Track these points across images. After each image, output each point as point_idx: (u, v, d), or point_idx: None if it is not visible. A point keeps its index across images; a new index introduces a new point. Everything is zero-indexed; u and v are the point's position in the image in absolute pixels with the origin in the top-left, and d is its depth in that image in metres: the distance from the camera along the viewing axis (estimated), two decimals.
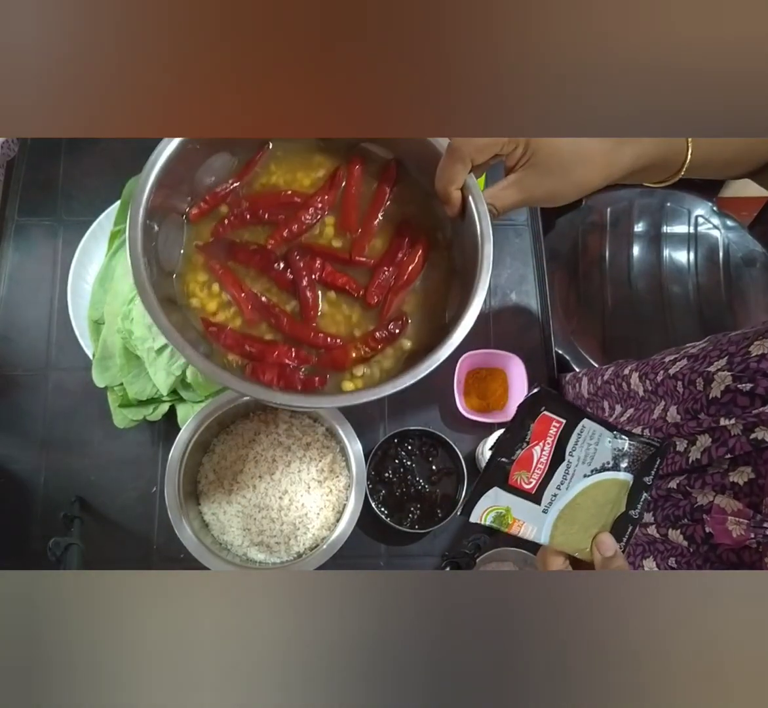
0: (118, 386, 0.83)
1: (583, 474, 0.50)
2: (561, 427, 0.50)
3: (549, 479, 0.49)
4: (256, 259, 0.47)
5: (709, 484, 0.52)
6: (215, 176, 0.48)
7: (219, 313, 0.47)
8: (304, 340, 0.47)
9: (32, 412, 0.88)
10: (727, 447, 0.50)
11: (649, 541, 0.59)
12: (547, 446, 0.49)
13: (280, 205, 0.48)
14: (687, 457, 0.55)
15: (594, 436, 0.50)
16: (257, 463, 0.79)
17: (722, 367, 0.52)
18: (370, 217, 0.48)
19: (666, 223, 1.27)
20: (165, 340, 0.73)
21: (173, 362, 0.77)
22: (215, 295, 0.47)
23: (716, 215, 1.27)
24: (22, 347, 0.90)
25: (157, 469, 0.86)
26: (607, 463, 0.50)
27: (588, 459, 0.50)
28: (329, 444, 0.81)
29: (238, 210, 0.47)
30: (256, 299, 0.47)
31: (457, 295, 0.50)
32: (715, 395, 0.52)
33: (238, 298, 0.46)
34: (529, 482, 0.49)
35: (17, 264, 0.93)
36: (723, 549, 0.50)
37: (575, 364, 1.14)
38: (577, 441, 0.50)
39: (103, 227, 0.89)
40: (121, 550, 0.84)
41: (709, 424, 0.52)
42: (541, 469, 0.49)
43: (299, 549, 0.77)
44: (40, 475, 0.85)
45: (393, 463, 0.84)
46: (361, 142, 0.49)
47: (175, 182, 0.45)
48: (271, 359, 0.45)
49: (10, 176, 0.97)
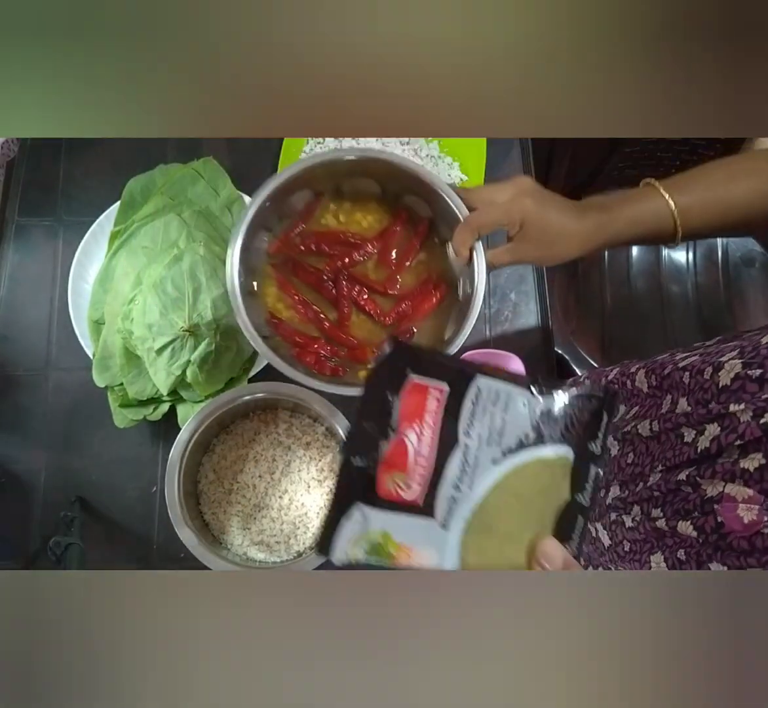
0: (118, 386, 0.83)
1: (491, 460, 0.34)
2: (443, 395, 0.34)
3: (439, 477, 0.34)
4: (313, 278, 0.64)
5: (720, 473, 0.51)
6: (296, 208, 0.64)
7: (282, 312, 0.64)
8: (337, 339, 0.63)
9: (32, 412, 0.88)
10: (737, 433, 0.49)
11: (657, 536, 0.58)
12: (428, 428, 0.34)
13: (339, 242, 0.64)
14: (696, 447, 0.54)
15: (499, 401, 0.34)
16: (257, 462, 0.79)
17: (733, 357, 0.51)
18: (402, 259, 0.64)
19: None
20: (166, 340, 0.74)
21: (173, 362, 0.78)
22: (281, 299, 0.64)
23: None
24: (23, 347, 0.90)
25: (157, 468, 0.86)
26: (526, 437, 0.35)
27: (495, 436, 0.34)
28: (329, 443, 0.81)
29: (306, 241, 0.64)
30: (308, 306, 0.64)
31: (456, 318, 0.62)
32: (725, 383, 0.51)
33: (294, 303, 0.64)
34: (409, 487, 0.34)
35: (17, 264, 0.94)
36: (734, 536, 0.49)
37: (575, 364, 1.14)
38: (474, 412, 0.34)
39: (103, 227, 0.89)
40: (122, 550, 0.84)
41: (718, 411, 0.51)
42: (424, 466, 0.34)
43: (299, 548, 0.77)
44: (41, 474, 0.86)
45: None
46: (406, 195, 0.63)
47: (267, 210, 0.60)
48: (311, 349, 0.62)
49: (10, 176, 0.97)
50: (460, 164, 0.99)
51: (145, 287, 0.79)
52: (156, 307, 0.76)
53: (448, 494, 0.34)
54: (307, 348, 0.62)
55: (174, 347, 0.77)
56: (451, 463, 0.34)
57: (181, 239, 0.83)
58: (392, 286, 0.63)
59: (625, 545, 0.62)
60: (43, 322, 0.91)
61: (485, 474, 0.34)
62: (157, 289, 0.77)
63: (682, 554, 0.55)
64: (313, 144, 0.98)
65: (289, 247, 0.63)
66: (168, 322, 0.76)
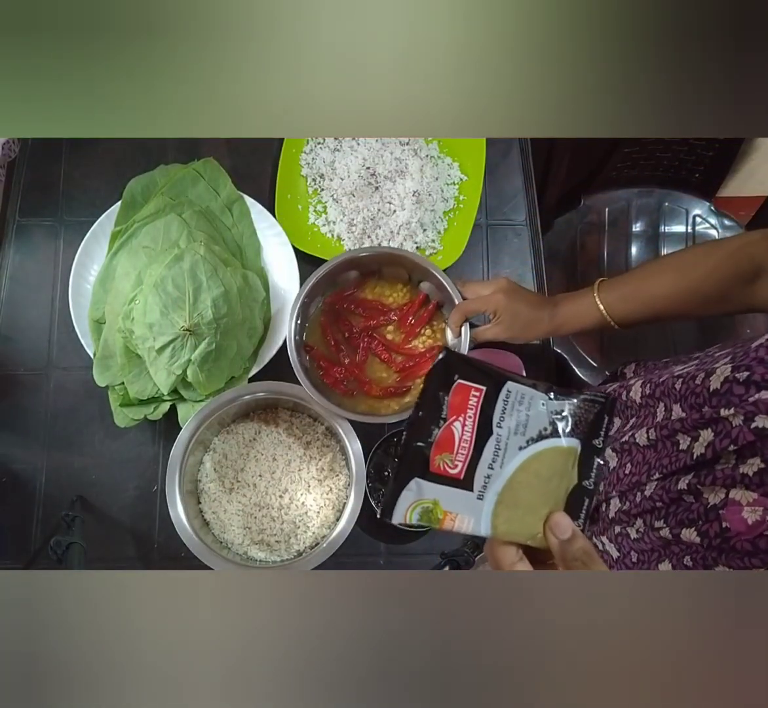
0: (119, 385, 0.83)
1: (518, 446, 0.43)
2: (482, 395, 0.43)
3: (478, 459, 0.42)
4: (347, 327, 0.86)
5: (720, 479, 0.51)
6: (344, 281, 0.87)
7: (319, 345, 0.85)
8: (353, 375, 0.84)
9: (33, 412, 0.88)
10: (731, 438, 0.50)
11: (663, 545, 0.58)
12: (469, 420, 0.42)
13: (371, 308, 0.87)
14: (691, 453, 0.54)
15: (524, 401, 0.43)
16: (258, 461, 0.79)
17: (726, 362, 0.52)
18: (415, 328, 0.86)
19: (664, 222, 1.27)
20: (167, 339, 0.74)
21: (174, 361, 0.78)
22: (320, 338, 0.86)
23: (714, 215, 1.27)
24: (24, 347, 0.91)
25: (157, 467, 0.86)
26: (545, 429, 0.43)
27: (521, 428, 0.43)
28: (329, 443, 0.81)
29: (351, 302, 0.87)
30: (338, 345, 0.85)
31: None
32: (715, 387, 0.52)
33: (328, 341, 0.85)
34: (455, 466, 0.42)
35: (18, 264, 0.94)
36: (737, 539, 0.49)
37: (574, 363, 1.14)
38: (504, 409, 0.43)
39: (103, 228, 0.89)
40: (122, 549, 0.84)
41: (711, 416, 0.52)
42: (466, 448, 0.42)
43: (299, 547, 0.77)
44: (42, 474, 0.86)
45: (392, 462, 0.84)
46: (423, 282, 0.85)
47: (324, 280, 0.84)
48: (332, 372, 0.83)
49: (11, 177, 0.98)
50: (460, 164, 0.99)
51: (145, 287, 0.79)
52: (157, 307, 0.76)
53: (484, 472, 0.42)
54: (329, 371, 0.83)
55: (174, 347, 0.77)
56: (487, 447, 0.42)
57: (182, 239, 0.83)
58: (406, 344, 0.86)
59: (633, 556, 0.63)
60: (44, 321, 0.91)
61: (513, 457, 0.43)
62: (157, 288, 0.77)
63: (689, 560, 0.55)
64: (314, 144, 0.98)
65: (339, 302, 0.86)
66: (169, 321, 0.76)
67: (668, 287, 0.69)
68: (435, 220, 0.95)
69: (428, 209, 0.94)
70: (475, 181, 0.97)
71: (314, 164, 0.97)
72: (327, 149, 0.97)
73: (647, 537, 0.59)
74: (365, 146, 0.96)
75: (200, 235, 0.85)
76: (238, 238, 0.91)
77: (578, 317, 0.75)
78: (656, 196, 1.28)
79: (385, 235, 0.93)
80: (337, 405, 0.77)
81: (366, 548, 0.84)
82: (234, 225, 0.91)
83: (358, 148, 0.96)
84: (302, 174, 0.97)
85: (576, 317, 0.76)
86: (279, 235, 0.91)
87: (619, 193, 1.27)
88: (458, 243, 0.94)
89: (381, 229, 0.93)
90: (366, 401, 0.83)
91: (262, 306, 0.87)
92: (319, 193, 0.97)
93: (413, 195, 0.93)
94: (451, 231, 0.96)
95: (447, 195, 0.97)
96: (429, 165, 0.97)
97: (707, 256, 0.67)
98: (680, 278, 0.69)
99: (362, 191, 0.94)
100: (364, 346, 0.85)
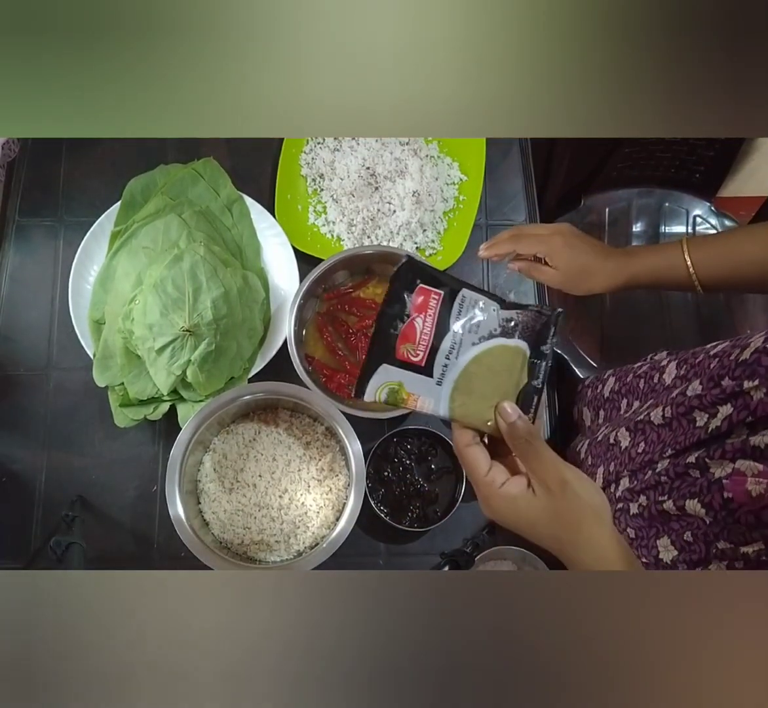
0: (118, 386, 0.83)
1: (471, 342, 0.49)
2: (440, 298, 0.49)
3: (436, 350, 0.49)
4: (343, 329, 0.87)
5: (729, 452, 0.52)
6: (338, 282, 0.88)
7: (317, 351, 0.87)
8: (355, 375, 0.79)
9: (33, 412, 0.88)
10: (749, 410, 0.50)
11: (663, 521, 0.59)
12: (429, 318, 0.49)
13: (365, 306, 0.88)
14: (707, 428, 0.54)
15: (477, 306, 0.50)
16: (257, 462, 0.79)
17: (760, 335, 0.53)
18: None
19: (664, 223, 1.27)
20: (167, 340, 0.74)
21: (174, 362, 0.78)
22: (318, 344, 0.88)
23: (714, 215, 1.27)
24: (24, 347, 0.91)
25: (157, 468, 0.86)
26: (495, 330, 0.50)
27: (474, 328, 0.49)
28: (329, 443, 0.81)
29: (344, 303, 0.88)
30: (336, 349, 0.87)
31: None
32: (744, 358, 0.53)
33: (327, 345, 0.87)
34: (417, 354, 0.48)
35: (18, 264, 0.94)
36: (741, 512, 0.49)
37: (574, 363, 1.14)
38: (460, 311, 0.49)
39: (103, 228, 0.89)
40: (122, 549, 0.84)
41: (732, 389, 0.52)
42: (426, 341, 0.48)
43: (299, 547, 0.77)
44: (42, 474, 0.86)
45: (392, 462, 0.84)
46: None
47: (318, 282, 0.85)
48: (335, 379, 0.85)
49: (11, 177, 0.98)
50: (460, 164, 0.99)
51: (145, 287, 0.79)
52: (156, 307, 0.76)
53: (442, 362, 0.49)
54: (332, 378, 0.85)
55: (174, 347, 0.77)
56: (444, 341, 0.49)
57: (182, 239, 0.83)
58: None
59: (630, 533, 0.63)
60: (44, 322, 0.91)
61: (467, 351, 0.49)
62: (157, 289, 0.77)
63: (689, 536, 0.55)
64: (313, 144, 0.98)
65: (334, 303, 0.87)
66: (168, 322, 0.76)
67: (761, 253, 0.66)
68: (435, 220, 0.95)
69: (428, 209, 0.94)
70: (475, 181, 0.97)
71: (314, 164, 0.97)
72: (327, 149, 0.97)
73: (647, 512, 0.60)
74: (365, 146, 0.96)
75: (200, 235, 0.85)
76: (237, 238, 0.91)
77: (658, 272, 0.70)
78: (656, 196, 1.28)
79: (384, 236, 0.93)
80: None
81: (366, 548, 0.84)
82: (234, 225, 0.91)
83: (358, 148, 0.96)
84: (302, 174, 0.98)
85: (655, 271, 0.70)
86: (279, 236, 0.91)
87: (620, 193, 1.27)
88: (458, 243, 0.94)
89: (381, 230, 0.93)
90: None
91: (261, 306, 0.87)
92: (319, 193, 0.97)
93: (413, 195, 0.93)
94: (451, 231, 0.96)
95: (447, 195, 0.97)
96: (429, 165, 0.97)
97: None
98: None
99: (362, 191, 0.94)
100: (363, 346, 0.86)
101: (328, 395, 0.80)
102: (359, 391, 0.48)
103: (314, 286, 0.84)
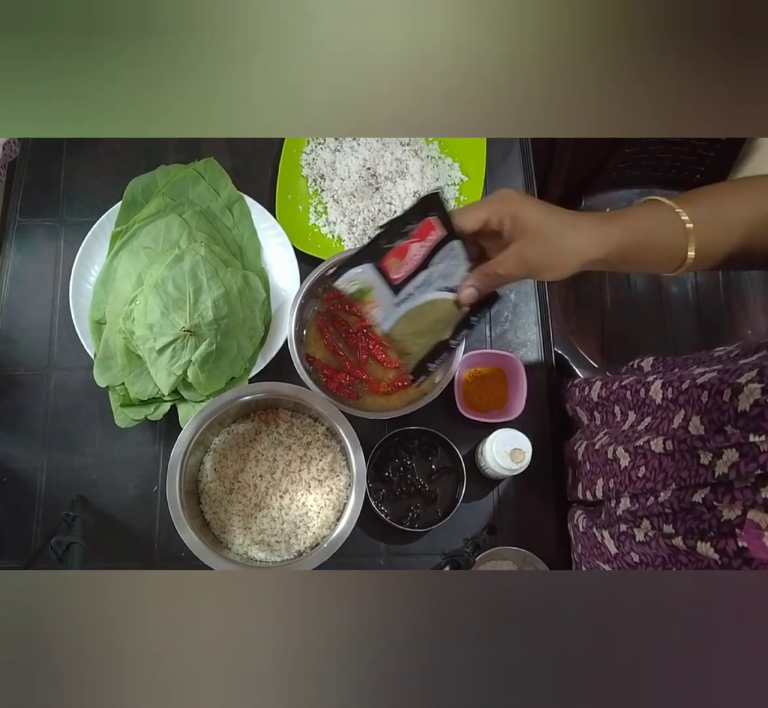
0: (119, 386, 0.83)
1: (437, 287, 0.55)
2: (438, 237, 0.53)
3: (411, 278, 0.54)
4: (343, 328, 0.87)
5: (739, 500, 0.50)
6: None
7: (317, 353, 0.87)
8: (357, 376, 0.86)
9: (34, 412, 0.88)
10: (758, 463, 0.48)
11: (671, 553, 0.57)
12: (423, 248, 0.53)
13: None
14: (713, 471, 0.52)
15: (457, 259, 0.54)
16: (258, 462, 0.79)
17: (752, 378, 0.50)
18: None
19: None
20: (167, 340, 0.74)
21: (174, 362, 0.78)
22: (318, 344, 0.88)
23: None
24: (24, 347, 0.91)
25: (158, 468, 0.86)
26: (456, 286, 0.55)
27: (446, 275, 0.54)
28: (330, 443, 0.81)
29: (344, 303, 0.88)
30: (336, 349, 0.87)
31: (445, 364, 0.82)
32: (743, 408, 0.50)
33: (327, 345, 0.87)
34: (398, 272, 0.54)
35: (19, 265, 0.94)
36: (758, 563, 0.48)
37: (574, 363, 1.14)
38: (445, 256, 0.54)
39: (104, 228, 0.89)
40: (123, 549, 0.84)
41: (737, 439, 0.50)
42: (410, 266, 0.53)
43: (300, 548, 0.77)
44: (42, 474, 0.86)
45: (393, 462, 0.84)
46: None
47: (319, 282, 0.85)
48: (336, 379, 0.85)
49: (11, 177, 0.98)
50: (461, 165, 0.99)
51: (146, 287, 0.79)
52: (157, 307, 0.76)
53: (410, 290, 0.55)
54: (332, 378, 0.85)
55: (175, 347, 0.77)
56: (420, 275, 0.54)
57: (183, 239, 0.83)
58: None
59: (634, 556, 0.62)
60: (45, 322, 0.91)
61: (430, 292, 0.55)
62: (158, 289, 0.77)
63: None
64: (314, 144, 0.98)
65: (333, 303, 0.88)
66: (169, 322, 0.76)
67: (749, 210, 0.56)
68: None
69: None
70: (475, 181, 0.97)
71: (315, 165, 0.97)
72: (328, 150, 0.97)
73: (656, 542, 0.58)
74: (366, 147, 0.96)
75: (201, 235, 0.85)
76: (238, 238, 0.91)
77: (650, 231, 0.56)
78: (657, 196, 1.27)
79: None
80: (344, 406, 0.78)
81: (366, 548, 0.84)
82: (234, 225, 0.91)
83: (359, 148, 0.96)
84: (303, 174, 0.98)
85: (647, 231, 0.56)
86: (279, 236, 0.91)
87: (620, 193, 1.27)
88: None
89: None
90: (374, 400, 0.85)
91: (262, 307, 0.87)
92: (320, 194, 0.97)
93: (414, 196, 0.93)
94: None
95: (447, 196, 0.97)
96: (429, 165, 0.97)
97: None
98: (763, 201, 0.56)
99: (363, 192, 0.94)
100: (363, 346, 0.86)
101: (329, 395, 0.79)
102: (336, 276, 0.53)
103: (315, 287, 0.84)
